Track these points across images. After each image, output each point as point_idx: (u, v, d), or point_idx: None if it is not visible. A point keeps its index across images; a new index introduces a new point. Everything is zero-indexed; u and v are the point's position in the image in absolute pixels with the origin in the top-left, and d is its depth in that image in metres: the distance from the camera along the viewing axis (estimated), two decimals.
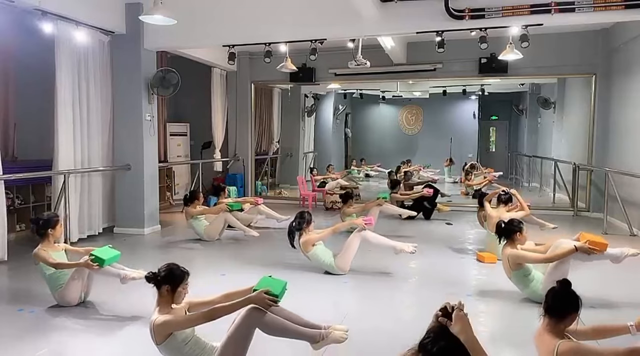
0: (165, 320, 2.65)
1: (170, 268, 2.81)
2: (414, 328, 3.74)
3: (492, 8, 5.83)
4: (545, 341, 2.40)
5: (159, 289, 2.77)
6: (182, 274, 2.82)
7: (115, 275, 3.99)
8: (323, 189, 10.52)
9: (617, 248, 4.17)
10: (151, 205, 7.44)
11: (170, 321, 2.66)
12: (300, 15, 6.61)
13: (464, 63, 9.12)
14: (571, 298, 2.45)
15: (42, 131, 6.97)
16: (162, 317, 2.67)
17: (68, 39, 6.40)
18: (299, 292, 4.59)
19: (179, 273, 2.81)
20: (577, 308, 2.42)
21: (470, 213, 8.64)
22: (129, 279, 3.97)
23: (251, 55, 10.15)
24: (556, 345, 2.31)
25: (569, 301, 2.44)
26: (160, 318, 2.67)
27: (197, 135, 10.80)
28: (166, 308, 2.75)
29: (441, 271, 5.31)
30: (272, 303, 2.67)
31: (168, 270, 2.80)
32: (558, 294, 2.48)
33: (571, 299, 2.44)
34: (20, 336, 3.58)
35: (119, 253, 4.14)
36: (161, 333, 2.66)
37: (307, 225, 5.07)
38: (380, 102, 16.23)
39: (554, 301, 2.46)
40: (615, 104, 8.33)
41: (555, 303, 2.45)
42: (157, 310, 2.74)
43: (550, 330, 2.42)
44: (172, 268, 2.82)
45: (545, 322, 2.46)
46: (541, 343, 2.44)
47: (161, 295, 2.77)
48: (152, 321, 2.68)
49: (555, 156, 10.97)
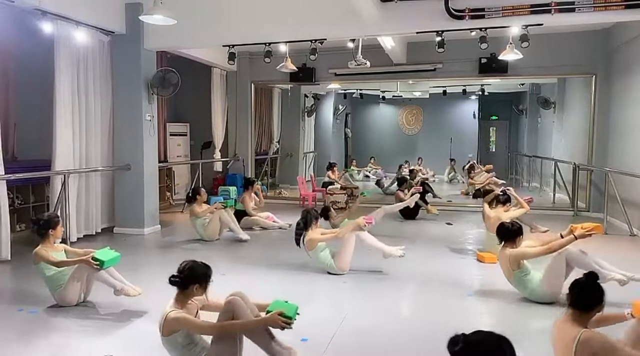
0: (178, 316, 2.66)
1: (194, 266, 2.80)
2: (413, 328, 3.78)
3: (492, 8, 5.82)
4: (567, 330, 2.45)
5: (185, 289, 2.76)
6: (208, 269, 2.84)
7: (111, 286, 4.00)
8: (323, 189, 10.53)
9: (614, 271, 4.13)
10: (151, 205, 7.44)
11: (182, 320, 2.66)
12: (300, 15, 6.60)
13: (464, 63, 9.12)
14: (597, 290, 2.50)
15: (42, 131, 6.96)
16: (176, 313, 2.68)
17: (68, 39, 6.39)
18: (299, 292, 4.60)
19: (205, 270, 2.82)
20: (602, 300, 2.48)
21: (471, 213, 8.65)
22: (123, 294, 3.98)
23: (251, 55, 10.15)
24: (579, 332, 2.36)
25: (595, 294, 2.49)
26: (174, 313, 2.67)
27: (197, 135, 10.80)
28: (183, 303, 2.76)
29: (441, 271, 5.31)
30: (286, 326, 2.65)
31: (191, 269, 2.79)
32: (584, 286, 2.53)
33: (597, 291, 2.50)
34: (20, 336, 3.57)
35: (119, 255, 4.14)
36: (170, 327, 2.67)
37: (315, 223, 5.11)
38: (380, 102, 16.23)
39: (581, 293, 2.51)
40: (615, 104, 8.33)
41: (582, 295, 2.50)
42: (173, 303, 2.74)
43: (574, 320, 2.47)
44: (195, 266, 2.81)
45: (568, 313, 2.51)
46: (562, 332, 2.49)
47: (186, 294, 2.77)
48: (166, 314, 2.68)
49: (555, 156, 10.96)
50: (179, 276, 2.76)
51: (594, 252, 4.26)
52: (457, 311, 4.11)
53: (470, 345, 1.67)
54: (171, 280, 2.76)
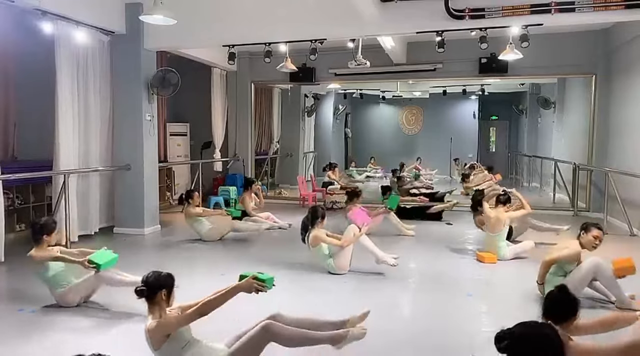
0: (157, 322, 2.66)
1: (158, 274, 2.81)
2: (413, 328, 3.78)
3: (492, 8, 5.82)
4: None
5: (153, 298, 2.74)
6: (170, 275, 2.84)
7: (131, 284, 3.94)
8: (323, 189, 10.53)
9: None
10: (151, 205, 7.44)
11: (163, 322, 2.67)
12: (300, 15, 6.60)
13: (464, 63, 9.12)
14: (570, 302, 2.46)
15: (42, 131, 6.97)
16: (154, 321, 2.68)
17: (68, 38, 6.39)
18: (299, 292, 4.60)
19: (167, 275, 2.83)
20: (575, 312, 2.44)
21: (471, 214, 8.62)
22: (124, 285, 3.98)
23: (251, 55, 10.14)
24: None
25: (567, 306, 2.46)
26: (153, 322, 2.67)
27: (197, 135, 10.79)
28: (160, 313, 2.75)
29: (441, 271, 5.30)
30: (260, 288, 2.67)
31: (156, 276, 2.79)
32: (556, 299, 2.50)
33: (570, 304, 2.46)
34: (21, 336, 3.57)
35: (116, 256, 4.12)
36: (157, 336, 2.66)
37: (321, 220, 5.13)
38: (380, 102, 16.24)
39: (553, 306, 2.48)
40: (615, 104, 8.33)
41: (555, 308, 2.47)
42: (151, 317, 2.73)
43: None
44: (159, 274, 2.82)
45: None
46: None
47: (155, 302, 2.75)
48: (146, 328, 2.68)
49: (555, 156, 10.96)
50: (145, 286, 2.75)
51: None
52: (457, 311, 4.11)
53: (517, 339, 1.68)
54: (137, 291, 2.74)
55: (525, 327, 1.73)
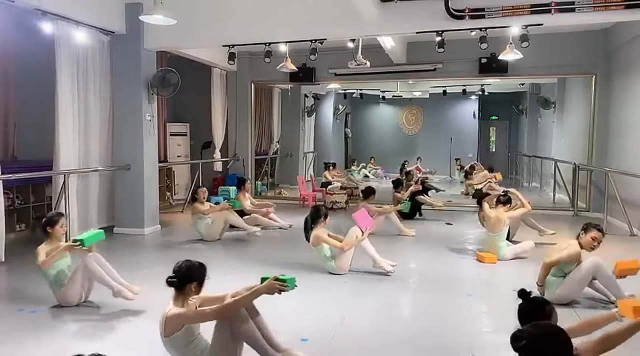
0: (178, 312, 2.69)
1: (190, 265, 2.81)
2: (413, 328, 3.78)
3: (492, 8, 5.82)
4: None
5: (182, 289, 2.76)
6: (202, 266, 2.85)
7: (110, 287, 3.99)
8: (323, 189, 10.52)
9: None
10: (151, 205, 7.44)
11: (183, 314, 2.69)
12: (300, 15, 6.60)
13: (464, 63, 9.11)
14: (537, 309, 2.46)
15: (42, 131, 6.97)
16: (175, 309, 2.70)
17: (68, 38, 6.39)
18: (299, 292, 4.59)
19: (199, 266, 2.83)
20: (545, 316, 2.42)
21: (471, 214, 8.64)
22: (121, 296, 3.97)
23: (251, 55, 10.14)
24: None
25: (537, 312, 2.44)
26: (174, 310, 2.70)
27: (197, 135, 10.79)
28: (182, 303, 2.77)
29: (441, 271, 5.31)
30: (283, 288, 2.68)
31: (188, 268, 2.80)
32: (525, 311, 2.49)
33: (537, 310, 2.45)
34: (21, 336, 3.57)
35: (101, 232, 4.27)
36: (172, 325, 2.68)
37: (324, 220, 5.14)
38: (380, 102, 16.24)
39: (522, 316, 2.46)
40: (615, 104, 8.33)
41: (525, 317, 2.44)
42: (172, 304, 2.75)
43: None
44: (191, 264, 2.82)
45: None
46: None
47: (185, 292, 2.77)
48: (165, 313, 2.70)
49: (555, 156, 10.96)
50: (176, 277, 2.77)
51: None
52: (457, 311, 4.11)
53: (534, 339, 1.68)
54: (168, 281, 2.77)
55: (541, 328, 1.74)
